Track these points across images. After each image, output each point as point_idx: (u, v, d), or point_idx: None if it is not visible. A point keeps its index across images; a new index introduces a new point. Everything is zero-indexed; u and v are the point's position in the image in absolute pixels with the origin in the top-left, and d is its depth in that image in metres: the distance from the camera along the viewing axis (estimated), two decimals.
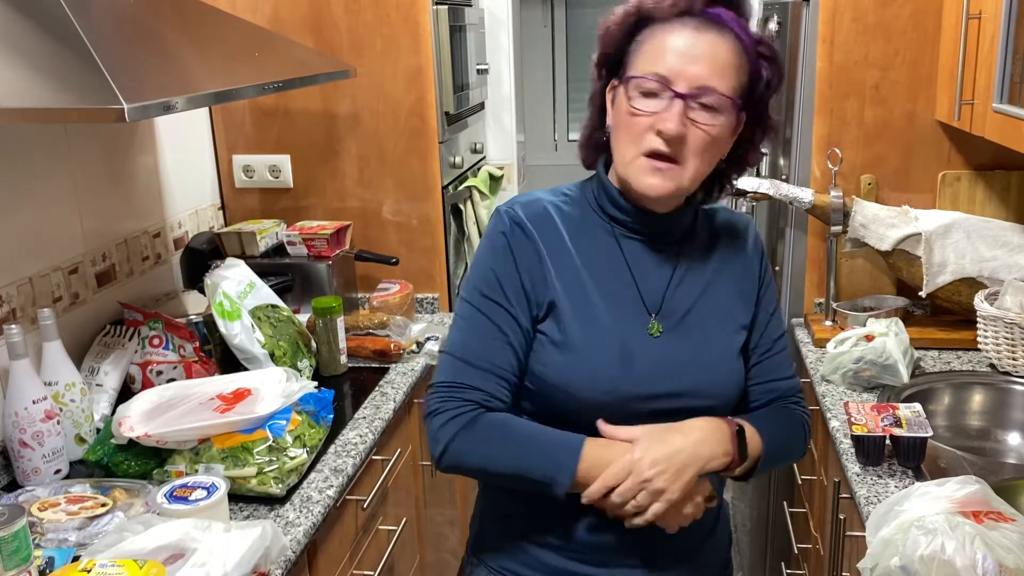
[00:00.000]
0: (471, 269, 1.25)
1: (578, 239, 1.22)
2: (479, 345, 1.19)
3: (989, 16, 1.75)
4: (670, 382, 1.19)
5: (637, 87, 1.13)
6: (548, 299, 1.19)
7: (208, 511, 1.33)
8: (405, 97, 2.37)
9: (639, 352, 1.18)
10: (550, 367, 1.18)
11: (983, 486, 1.31)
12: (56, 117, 1.28)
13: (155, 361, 1.83)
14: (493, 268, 1.20)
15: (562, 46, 4.31)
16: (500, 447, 1.16)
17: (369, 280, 2.46)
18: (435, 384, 1.21)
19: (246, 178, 2.49)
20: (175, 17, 1.68)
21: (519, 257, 1.19)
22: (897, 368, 1.87)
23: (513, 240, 1.20)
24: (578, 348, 1.17)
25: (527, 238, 1.20)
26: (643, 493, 1.12)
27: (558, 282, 1.19)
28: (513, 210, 1.22)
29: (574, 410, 1.18)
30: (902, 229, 2.08)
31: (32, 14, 1.33)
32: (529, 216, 1.21)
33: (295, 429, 1.58)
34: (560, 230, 1.21)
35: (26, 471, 1.56)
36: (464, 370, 1.18)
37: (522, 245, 1.20)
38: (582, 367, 1.17)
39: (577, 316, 1.18)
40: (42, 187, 1.78)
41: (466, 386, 1.18)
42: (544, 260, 1.19)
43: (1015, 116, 1.60)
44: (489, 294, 1.19)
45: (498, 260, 1.20)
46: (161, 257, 2.19)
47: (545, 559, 1.24)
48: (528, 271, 1.19)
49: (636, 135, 1.14)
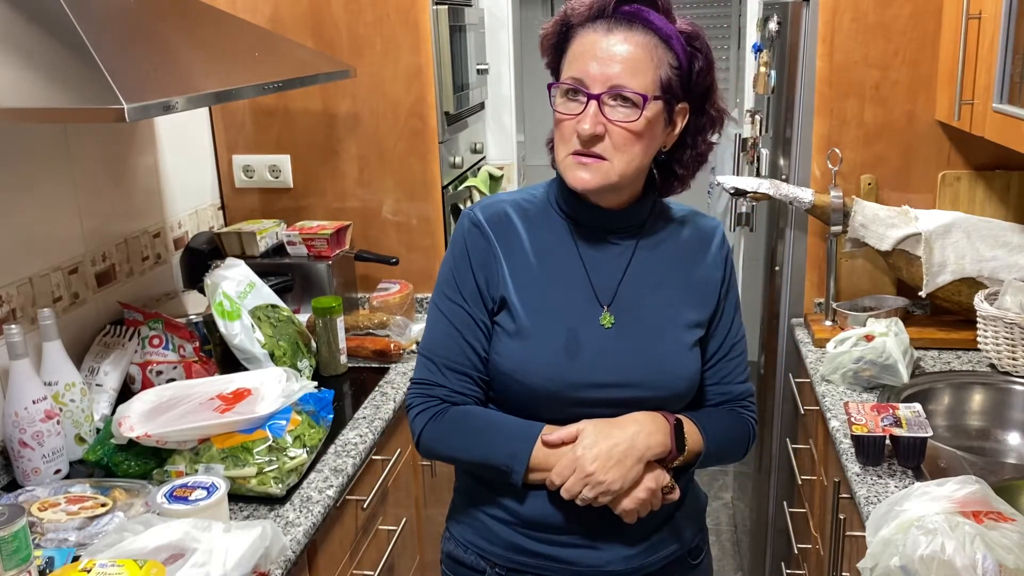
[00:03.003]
0: (439, 270, 1.33)
1: (535, 235, 1.28)
2: (442, 344, 1.28)
3: (989, 16, 1.75)
4: (616, 372, 1.24)
5: (559, 91, 1.21)
6: (500, 294, 1.26)
7: (208, 511, 1.33)
8: (405, 97, 2.37)
9: (587, 341, 1.24)
10: (503, 356, 1.25)
11: (983, 486, 1.31)
12: (56, 117, 1.28)
13: (155, 361, 1.83)
14: (452, 269, 1.29)
15: None
16: (463, 438, 1.26)
17: (369, 280, 2.46)
18: (411, 381, 1.33)
19: (246, 178, 2.49)
20: (175, 17, 1.68)
21: (474, 257, 1.27)
22: (897, 368, 1.87)
23: (470, 241, 1.28)
24: (527, 336, 1.24)
25: (483, 238, 1.27)
26: (587, 487, 1.19)
27: (511, 277, 1.26)
28: (473, 212, 1.29)
29: (523, 395, 1.25)
30: (902, 229, 2.08)
31: (32, 14, 1.33)
32: (487, 217, 1.28)
33: (295, 429, 1.58)
34: (518, 228, 1.28)
35: (26, 471, 1.56)
36: (431, 368, 1.29)
37: (478, 245, 1.27)
38: (531, 354, 1.24)
39: (528, 307, 1.25)
40: (42, 187, 1.78)
41: (433, 383, 1.28)
42: (498, 258, 1.26)
43: (1015, 116, 1.60)
44: (449, 295, 1.28)
45: (457, 261, 1.28)
46: (161, 257, 2.19)
47: (499, 532, 1.30)
48: (483, 268, 1.26)
49: (565, 137, 1.21)
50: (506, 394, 1.28)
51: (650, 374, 1.26)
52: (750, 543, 2.82)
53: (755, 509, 2.71)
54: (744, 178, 2.23)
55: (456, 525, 1.38)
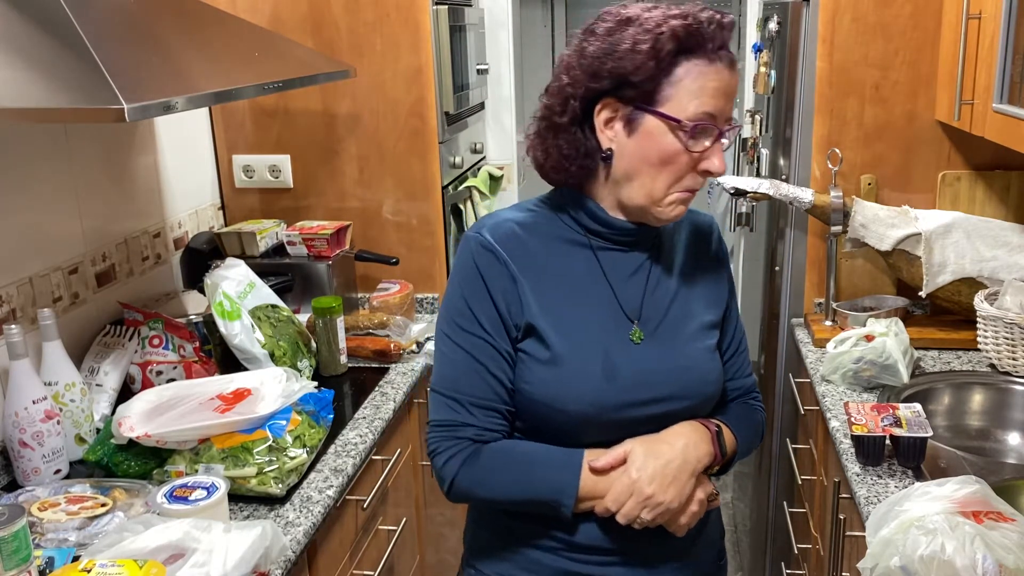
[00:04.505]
0: (445, 299, 1.23)
1: (552, 255, 1.21)
2: (463, 380, 1.19)
3: (989, 16, 1.75)
4: (654, 388, 1.21)
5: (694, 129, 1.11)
6: (526, 320, 1.18)
7: (208, 511, 1.33)
8: (405, 97, 2.37)
9: (621, 361, 1.19)
10: (535, 384, 1.18)
11: (983, 486, 1.31)
12: (56, 117, 1.28)
13: (155, 361, 1.84)
14: (465, 297, 1.19)
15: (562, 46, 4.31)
16: (502, 477, 1.18)
17: (369, 280, 2.46)
18: (430, 423, 1.22)
19: (246, 178, 2.49)
20: (175, 17, 1.68)
21: (491, 282, 1.18)
22: (897, 368, 1.87)
23: (483, 266, 1.19)
24: (562, 362, 1.17)
25: (498, 261, 1.19)
26: (646, 510, 1.16)
27: (535, 301, 1.18)
28: (480, 234, 1.21)
29: (561, 423, 1.19)
30: (902, 229, 2.08)
31: (32, 14, 1.33)
32: (498, 238, 1.20)
33: (295, 429, 1.58)
34: (531, 248, 1.20)
35: (26, 471, 1.56)
36: (453, 407, 1.19)
37: (493, 269, 1.19)
38: (567, 381, 1.17)
39: (558, 331, 1.18)
40: (42, 187, 1.78)
41: (458, 423, 1.19)
42: (518, 281, 1.19)
43: (1015, 116, 1.60)
44: (465, 325, 1.19)
45: (470, 288, 1.19)
46: (161, 257, 2.19)
47: (544, 561, 1.24)
48: (502, 294, 1.18)
49: (679, 173, 1.14)
50: (540, 423, 1.20)
51: (685, 385, 1.23)
52: (750, 543, 2.82)
53: (755, 509, 2.71)
54: (744, 178, 2.23)
55: (488, 561, 1.31)
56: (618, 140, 1.15)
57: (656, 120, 1.12)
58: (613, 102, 1.14)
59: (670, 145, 1.12)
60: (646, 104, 1.12)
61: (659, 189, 1.15)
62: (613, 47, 1.11)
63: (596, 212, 1.20)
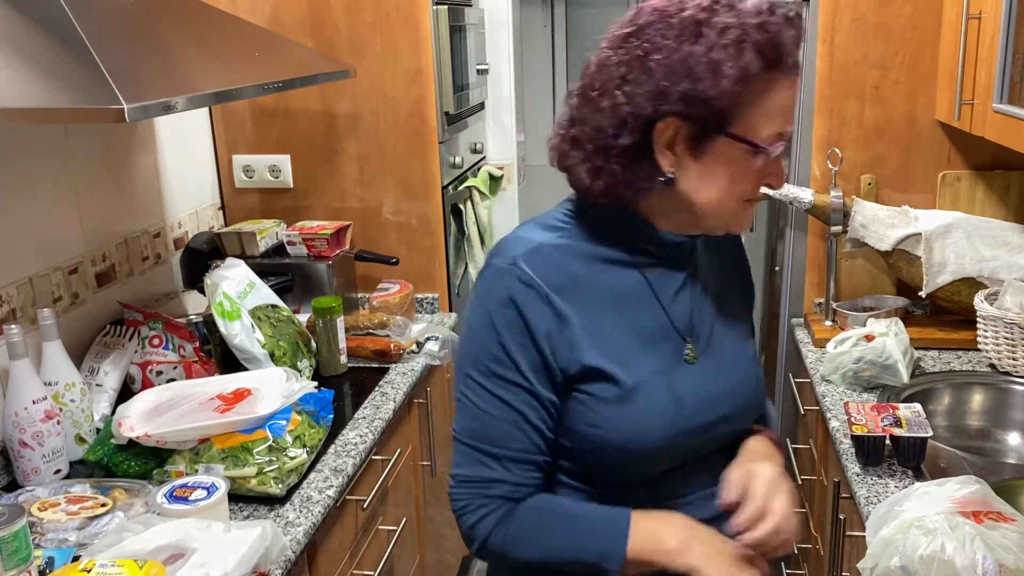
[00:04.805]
0: (470, 337, 1.08)
1: (596, 278, 1.08)
2: (496, 431, 1.06)
3: (989, 16, 1.75)
4: (716, 410, 1.13)
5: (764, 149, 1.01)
6: (581, 362, 1.06)
7: (208, 511, 1.33)
8: (405, 97, 2.37)
9: (684, 385, 1.10)
10: (604, 426, 1.07)
11: (983, 486, 1.31)
12: (56, 117, 1.28)
13: (155, 361, 1.83)
14: (502, 341, 1.05)
15: (562, 46, 4.30)
16: (541, 538, 1.07)
17: (369, 280, 2.46)
18: (455, 476, 1.09)
19: (246, 178, 2.49)
20: (175, 17, 1.68)
21: (534, 323, 1.04)
22: (897, 368, 1.87)
23: (523, 303, 1.04)
24: (632, 398, 1.07)
25: (540, 298, 1.05)
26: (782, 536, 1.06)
27: (588, 338, 1.06)
28: (517, 266, 1.05)
29: (629, 462, 1.10)
30: (902, 229, 2.08)
31: (32, 14, 1.33)
32: (536, 268, 1.06)
33: (295, 429, 1.58)
34: (573, 273, 1.07)
35: (26, 471, 1.56)
36: (485, 462, 1.07)
37: (535, 307, 1.05)
38: (640, 417, 1.07)
39: (621, 365, 1.07)
40: (42, 187, 1.78)
41: (490, 480, 1.07)
42: (566, 319, 1.05)
43: (1015, 116, 1.60)
44: (501, 372, 1.05)
45: (508, 331, 1.05)
46: (161, 257, 2.19)
47: None
48: (548, 338, 1.05)
49: (747, 189, 1.06)
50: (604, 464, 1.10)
51: (744, 402, 1.17)
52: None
53: None
54: None
55: None
56: (681, 162, 1.03)
57: (728, 142, 1.01)
58: (677, 122, 1.00)
59: (741, 167, 1.03)
60: (718, 126, 1.00)
61: (728, 208, 1.06)
62: (687, 65, 0.97)
63: (645, 230, 1.09)
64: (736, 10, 0.99)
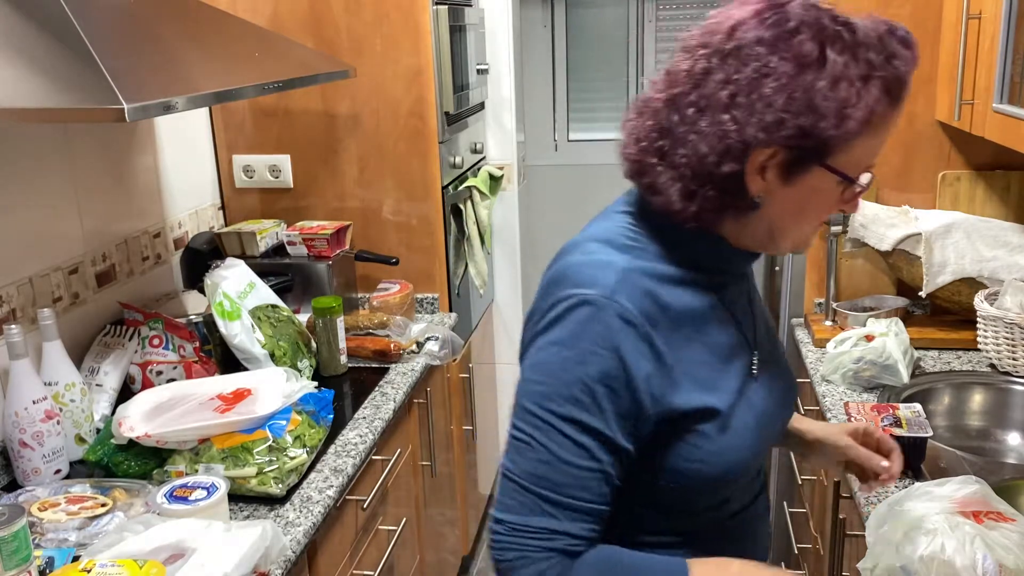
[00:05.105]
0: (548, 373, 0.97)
1: (679, 304, 1.01)
2: (568, 480, 0.96)
3: (989, 16, 1.75)
4: (780, 416, 1.14)
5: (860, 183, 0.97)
6: (682, 403, 0.99)
7: (208, 511, 1.33)
8: (405, 97, 2.37)
9: (758, 399, 1.07)
10: (707, 460, 1.01)
11: (983, 486, 1.31)
12: (56, 117, 1.28)
13: (155, 361, 1.84)
14: (592, 386, 0.95)
15: (562, 46, 4.30)
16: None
17: (369, 280, 2.46)
18: (506, 523, 0.97)
19: (246, 178, 2.49)
20: (175, 17, 1.68)
21: (635, 370, 0.95)
22: (897, 368, 1.87)
23: (625, 349, 0.95)
24: (729, 426, 1.02)
25: (642, 340, 0.96)
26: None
27: (685, 376, 0.99)
28: (616, 302, 0.95)
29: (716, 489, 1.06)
30: (902, 229, 2.08)
31: (32, 14, 1.33)
32: (635, 304, 0.96)
33: (295, 429, 1.58)
34: (662, 302, 0.99)
35: (26, 471, 1.56)
36: (549, 511, 0.96)
37: (637, 352, 0.96)
38: (736, 442, 1.03)
39: (715, 394, 1.01)
40: (42, 187, 1.78)
41: (553, 531, 0.96)
42: (663, 359, 0.98)
43: (1015, 116, 1.60)
44: (583, 419, 0.95)
45: (601, 376, 0.95)
46: (161, 257, 2.19)
47: None
48: (647, 381, 0.96)
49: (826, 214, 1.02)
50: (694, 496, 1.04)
51: (793, 403, 1.17)
52: None
53: None
54: None
55: None
56: (769, 187, 0.96)
57: (823, 172, 0.95)
58: (776, 148, 0.93)
59: (828, 195, 0.98)
60: (819, 156, 0.94)
61: (804, 233, 1.03)
62: (809, 98, 0.90)
63: (723, 249, 1.04)
64: (856, 34, 0.92)
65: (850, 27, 0.92)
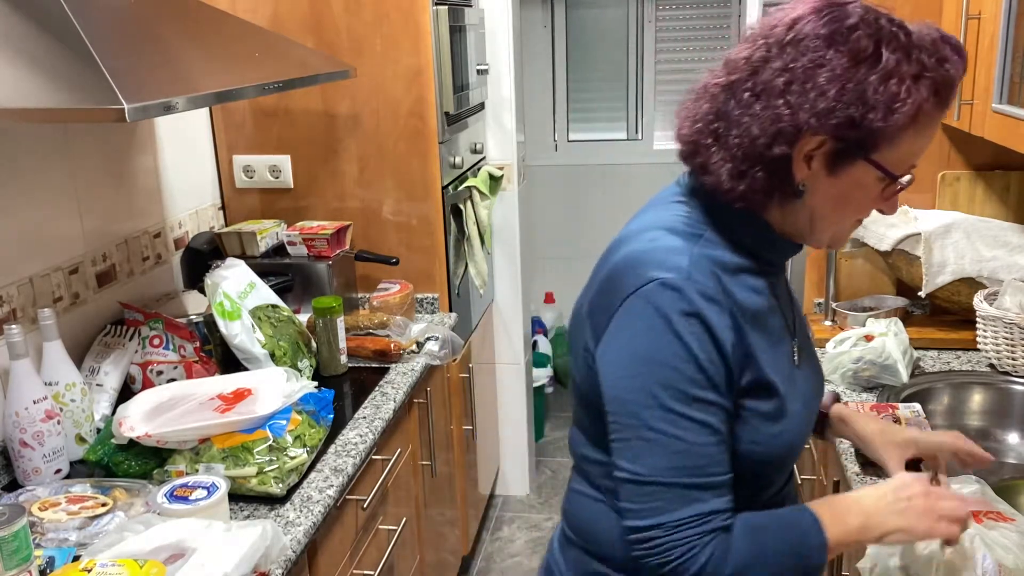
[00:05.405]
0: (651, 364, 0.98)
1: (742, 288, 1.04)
2: (706, 460, 0.98)
3: (989, 16, 1.75)
4: (817, 402, 1.20)
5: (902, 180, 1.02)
6: (754, 374, 1.02)
7: (208, 511, 1.33)
8: (405, 97, 2.37)
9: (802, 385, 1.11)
10: (762, 442, 1.04)
11: (983, 486, 1.31)
12: (56, 117, 1.28)
13: (155, 361, 1.84)
14: (698, 361, 0.97)
15: (562, 46, 4.30)
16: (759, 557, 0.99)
17: (369, 280, 2.46)
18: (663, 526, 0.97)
19: (246, 178, 2.49)
20: (175, 17, 1.68)
21: (723, 338, 0.98)
22: (896, 368, 1.87)
23: (710, 318, 0.98)
24: (784, 409, 1.06)
25: (722, 311, 0.99)
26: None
27: (759, 353, 1.03)
28: (693, 280, 0.98)
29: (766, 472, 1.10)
30: (902, 229, 2.08)
31: (32, 14, 1.33)
32: (710, 279, 1.00)
33: (295, 429, 1.58)
34: (728, 285, 1.02)
35: (26, 471, 1.56)
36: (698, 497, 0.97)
37: (721, 322, 0.98)
38: (789, 431, 1.07)
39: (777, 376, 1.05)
40: (42, 187, 1.78)
41: (707, 514, 0.97)
42: (744, 333, 1.01)
43: (1015, 116, 1.60)
44: (701, 395, 0.97)
45: (700, 349, 0.97)
46: (161, 257, 2.20)
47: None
48: (733, 351, 1.00)
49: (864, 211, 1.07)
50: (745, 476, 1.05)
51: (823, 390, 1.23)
52: None
53: None
54: None
55: None
56: (814, 175, 1.00)
57: (867, 167, 0.99)
58: (824, 137, 0.97)
59: (869, 191, 1.02)
60: (865, 150, 0.98)
61: (841, 227, 1.07)
62: (861, 91, 0.94)
63: (774, 238, 1.07)
64: (910, 36, 0.96)
65: (905, 29, 0.97)
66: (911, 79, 0.95)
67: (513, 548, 3.04)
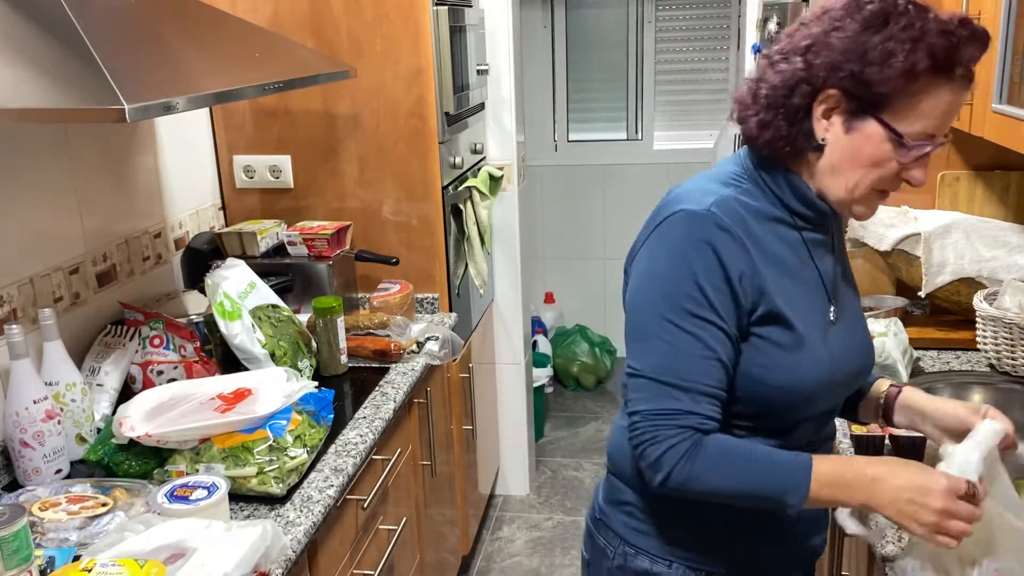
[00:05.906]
0: (660, 279, 1.14)
1: (769, 235, 1.17)
2: (690, 367, 1.12)
3: (989, 16, 1.75)
4: (856, 365, 1.26)
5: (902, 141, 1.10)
6: (767, 306, 1.14)
7: (208, 511, 1.33)
8: (405, 97, 2.37)
9: (835, 341, 1.21)
10: (771, 369, 1.15)
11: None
12: (56, 117, 1.28)
13: (156, 361, 1.84)
14: (699, 282, 1.11)
15: (562, 46, 4.31)
16: (727, 471, 1.12)
17: (369, 280, 2.46)
18: (641, 413, 1.13)
19: (246, 178, 2.49)
20: (175, 17, 1.69)
21: (731, 267, 1.12)
22: (896, 368, 1.87)
23: (722, 248, 1.12)
24: (803, 347, 1.16)
25: (735, 243, 1.12)
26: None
27: (772, 285, 1.15)
28: (712, 211, 1.13)
29: (784, 404, 1.18)
30: (901, 229, 2.08)
31: (32, 14, 1.33)
32: (731, 217, 1.13)
33: (295, 429, 1.58)
34: (755, 229, 1.16)
35: (27, 471, 1.56)
36: (675, 395, 1.12)
37: (732, 252, 1.12)
38: (804, 366, 1.16)
39: (798, 316, 1.16)
40: (43, 187, 1.79)
41: (681, 411, 1.11)
42: (756, 265, 1.13)
43: (1014, 116, 1.60)
44: (696, 311, 1.11)
45: (705, 272, 1.11)
46: (162, 257, 2.20)
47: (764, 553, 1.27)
48: (740, 280, 1.12)
49: (883, 178, 1.14)
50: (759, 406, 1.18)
51: (870, 360, 1.29)
52: None
53: None
54: None
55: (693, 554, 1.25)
56: (833, 133, 1.14)
57: (878, 126, 1.11)
58: (839, 95, 1.11)
59: (884, 153, 1.12)
60: (874, 108, 1.10)
61: (861, 188, 1.15)
62: (863, 49, 1.08)
63: (807, 194, 1.18)
64: (926, 15, 1.08)
65: (920, 8, 1.09)
66: (910, 42, 1.06)
67: (513, 548, 3.04)
